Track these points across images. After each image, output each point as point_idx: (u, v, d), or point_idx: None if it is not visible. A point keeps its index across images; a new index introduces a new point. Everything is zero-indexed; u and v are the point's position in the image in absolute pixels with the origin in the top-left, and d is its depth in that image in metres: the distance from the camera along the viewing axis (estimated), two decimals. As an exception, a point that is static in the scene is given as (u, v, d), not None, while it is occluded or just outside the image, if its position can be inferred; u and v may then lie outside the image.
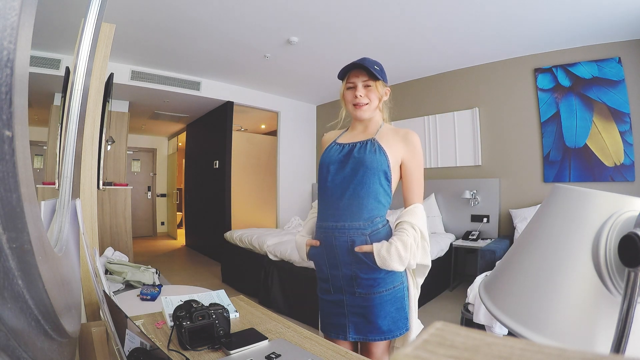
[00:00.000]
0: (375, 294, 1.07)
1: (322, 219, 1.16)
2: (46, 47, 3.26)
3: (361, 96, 1.13)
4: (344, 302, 1.12)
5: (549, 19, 2.78)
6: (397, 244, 1.02)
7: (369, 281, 1.08)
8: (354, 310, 1.10)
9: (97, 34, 0.77)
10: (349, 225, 1.08)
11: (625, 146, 2.97)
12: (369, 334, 1.08)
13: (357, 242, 1.07)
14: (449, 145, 4.01)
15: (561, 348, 0.17)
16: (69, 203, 0.69)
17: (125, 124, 4.56)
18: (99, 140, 1.46)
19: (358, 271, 1.08)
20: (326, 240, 1.12)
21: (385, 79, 1.16)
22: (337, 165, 1.14)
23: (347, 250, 1.08)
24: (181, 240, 6.81)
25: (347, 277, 1.10)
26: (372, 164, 1.08)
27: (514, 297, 0.46)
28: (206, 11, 2.76)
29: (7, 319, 0.23)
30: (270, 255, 3.10)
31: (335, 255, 1.11)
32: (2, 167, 0.20)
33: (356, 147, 1.14)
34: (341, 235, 1.09)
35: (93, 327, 0.87)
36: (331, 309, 1.15)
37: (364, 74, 1.13)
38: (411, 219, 1.08)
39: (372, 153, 1.10)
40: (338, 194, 1.11)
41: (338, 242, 1.09)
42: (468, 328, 0.19)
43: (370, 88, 1.14)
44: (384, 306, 1.08)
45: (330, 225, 1.11)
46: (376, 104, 1.16)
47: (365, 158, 1.10)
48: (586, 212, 0.42)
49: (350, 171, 1.10)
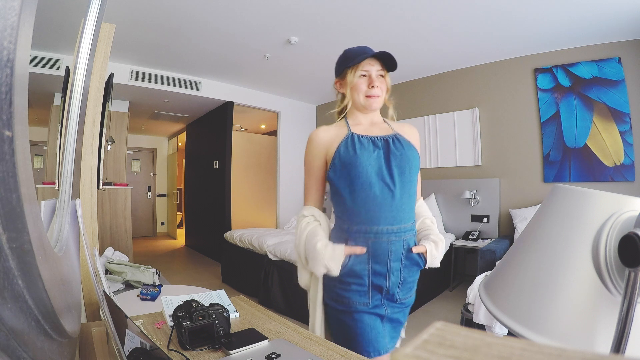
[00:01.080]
0: (410, 297, 1.09)
1: (369, 222, 0.99)
2: (46, 47, 3.26)
3: (377, 87, 1.06)
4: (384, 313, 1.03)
5: (549, 19, 2.78)
6: (440, 243, 1.06)
7: (411, 284, 1.07)
8: (392, 317, 1.05)
9: (97, 34, 0.77)
10: (404, 227, 1.01)
11: (625, 146, 2.97)
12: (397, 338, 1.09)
13: (411, 244, 1.03)
14: (449, 145, 4.01)
15: (561, 348, 0.17)
16: (69, 203, 0.69)
17: (125, 124, 4.56)
18: (99, 140, 1.46)
19: (407, 275, 1.04)
20: (378, 246, 0.99)
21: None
22: (380, 162, 1.01)
23: (402, 255, 1.01)
24: (181, 240, 6.81)
25: (395, 284, 1.02)
26: (414, 162, 1.04)
27: (514, 297, 0.46)
28: (206, 11, 2.76)
29: (7, 319, 0.23)
30: (270, 255, 3.10)
31: (386, 262, 0.99)
32: (2, 167, 0.20)
33: (389, 142, 1.05)
34: (398, 240, 1.00)
35: (93, 327, 0.87)
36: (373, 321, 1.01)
37: (378, 63, 1.07)
38: (431, 216, 1.14)
39: (410, 149, 1.05)
40: (390, 195, 0.99)
41: (394, 247, 0.99)
42: (468, 328, 0.19)
43: (382, 79, 1.09)
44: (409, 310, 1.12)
45: (384, 229, 0.98)
46: (385, 96, 1.12)
47: (408, 155, 1.03)
48: (586, 212, 0.42)
49: (398, 169, 1.01)
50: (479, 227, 3.64)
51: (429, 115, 4.19)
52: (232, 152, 4.83)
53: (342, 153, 1.02)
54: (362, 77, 1.07)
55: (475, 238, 3.46)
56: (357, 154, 1.00)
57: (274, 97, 5.16)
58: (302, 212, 1.11)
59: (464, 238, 3.57)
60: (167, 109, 5.21)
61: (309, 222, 1.07)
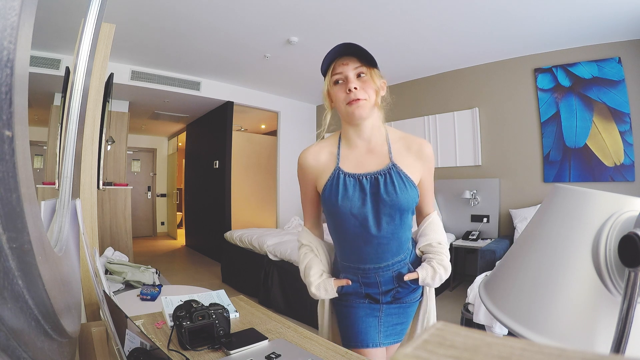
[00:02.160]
0: (413, 297, 1.05)
1: (354, 261, 0.97)
2: (46, 47, 3.26)
3: (356, 88, 0.88)
4: (380, 305, 1.02)
5: (549, 19, 2.78)
6: (441, 271, 0.96)
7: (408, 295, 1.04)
8: (390, 311, 1.03)
9: (97, 34, 0.77)
10: (392, 263, 0.97)
11: (625, 146, 2.97)
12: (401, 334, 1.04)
13: (403, 271, 0.98)
14: (449, 145, 4.01)
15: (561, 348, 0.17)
16: (69, 203, 0.69)
17: (125, 124, 4.56)
18: (99, 140, 1.46)
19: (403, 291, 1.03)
20: (367, 279, 0.98)
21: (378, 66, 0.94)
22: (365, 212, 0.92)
23: (391, 280, 0.99)
24: (181, 240, 6.81)
25: (390, 296, 1.03)
26: (408, 205, 0.91)
27: (514, 297, 0.46)
28: (206, 11, 2.76)
29: (7, 319, 0.23)
30: (270, 255, 3.10)
31: (377, 287, 1.00)
32: (2, 167, 0.20)
33: (380, 182, 0.92)
34: (386, 273, 0.97)
35: (93, 327, 0.87)
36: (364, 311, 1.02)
37: (355, 60, 0.90)
38: (439, 237, 1.02)
39: (403, 190, 0.91)
40: (376, 241, 0.93)
41: (382, 278, 0.98)
42: (468, 328, 0.19)
43: (364, 78, 0.90)
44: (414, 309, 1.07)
45: (370, 267, 0.96)
46: (374, 98, 0.92)
47: (401, 200, 0.90)
48: (586, 212, 0.42)
49: (386, 217, 0.92)
50: (479, 227, 3.64)
51: (429, 115, 4.19)
52: (232, 152, 4.83)
53: (326, 197, 0.95)
54: (338, 83, 0.92)
55: (475, 238, 3.46)
56: (338, 204, 0.92)
57: (274, 97, 5.16)
58: (300, 240, 1.08)
59: (464, 238, 3.57)
60: (167, 109, 5.21)
61: (306, 254, 1.05)
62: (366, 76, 0.91)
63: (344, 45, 0.89)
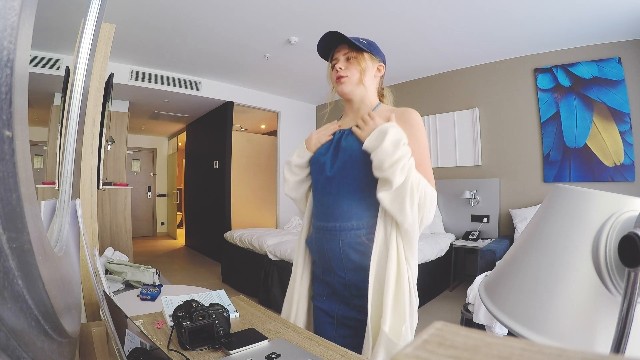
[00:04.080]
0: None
1: (315, 216, 1.03)
2: (46, 47, 3.26)
3: (341, 68, 1.01)
4: (335, 313, 1.00)
5: (549, 19, 2.78)
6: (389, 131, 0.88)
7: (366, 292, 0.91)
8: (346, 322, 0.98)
9: (97, 34, 0.77)
10: (340, 227, 0.95)
11: (625, 146, 2.97)
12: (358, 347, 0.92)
13: (351, 244, 0.94)
14: (449, 145, 4.01)
15: (561, 348, 0.17)
16: (69, 203, 0.69)
17: (125, 124, 4.56)
18: (99, 140, 1.46)
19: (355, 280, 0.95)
20: (317, 242, 1.00)
21: (373, 51, 1.03)
22: (327, 159, 1.01)
23: (339, 254, 0.95)
24: (181, 240, 6.81)
25: (340, 284, 0.98)
26: (357, 153, 0.94)
27: (514, 297, 0.46)
28: (206, 11, 2.76)
29: (7, 319, 0.23)
30: (270, 255, 3.10)
31: (327, 260, 0.98)
32: (2, 167, 0.20)
33: (344, 133, 1.01)
34: (333, 238, 0.96)
35: (93, 327, 0.87)
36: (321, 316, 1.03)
37: (345, 47, 1.02)
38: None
39: (358, 140, 0.95)
40: (327, 191, 0.98)
41: (330, 245, 0.96)
42: (468, 328, 0.19)
43: (352, 60, 1.02)
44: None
45: (321, 225, 0.99)
46: (357, 77, 1.01)
47: (355, 148, 0.94)
48: (586, 212, 0.42)
49: (340, 164, 0.97)
50: (479, 227, 3.64)
51: (429, 115, 4.19)
52: (232, 152, 4.83)
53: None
54: (334, 66, 1.04)
55: (475, 238, 3.46)
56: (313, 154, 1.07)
57: (274, 97, 5.16)
58: None
59: (464, 238, 3.57)
60: (167, 109, 5.21)
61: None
62: (352, 59, 1.02)
63: (329, 34, 1.01)
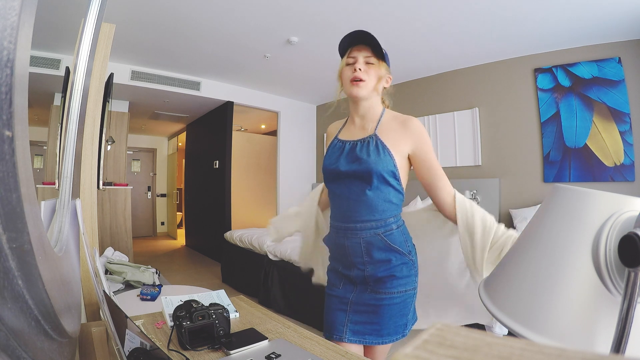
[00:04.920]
0: (387, 294, 1.03)
1: (334, 217, 1.11)
2: (46, 47, 3.26)
3: (360, 69, 1.03)
4: (349, 300, 1.07)
5: (549, 19, 2.78)
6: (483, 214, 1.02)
7: (386, 280, 1.03)
8: (357, 309, 1.05)
9: (97, 34, 0.77)
10: (361, 226, 1.03)
11: (625, 146, 2.97)
12: (367, 336, 1.03)
13: (370, 242, 1.03)
14: (449, 145, 4.01)
15: (561, 348, 0.17)
16: (69, 203, 0.69)
17: (125, 124, 4.56)
18: (99, 140, 1.46)
19: (373, 272, 1.03)
20: (337, 239, 1.09)
21: (388, 63, 1.09)
22: (341, 165, 1.07)
23: (360, 251, 1.04)
24: (181, 240, 6.81)
25: (359, 277, 1.06)
26: (377, 167, 1.00)
27: (514, 297, 0.46)
28: (206, 11, 2.76)
29: (7, 319, 0.23)
30: (270, 255, 3.11)
31: (347, 256, 1.06)
32: (2, 167, 0.20)
33: (357, 146, 1.06)
34: (354, 236, 1.04)
35: (93, 327, 0.87)
36: (334, 304, 1.10)
37: (368, 49, 1.04)
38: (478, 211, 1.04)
39: (375, 154, 1.01)
40: (346, 196, 1.05)
41: (350, 242, 1.05)
42: (468, 328, 0.19)
43: (371, 65, 1.05)
44: (392, 309, 1.03)
45: (341, 226, 1.07)
46: (374, 83, 1.05)
47: (370, 161, 1.01)
48: (586, 212, 0.42)
49: (355, 172, 1.03)
50: (479, 227, 3.63)
51: (429, 115, 4.19)
52: (232, 152, 4.83)
53: (324, 157, 1.15)
54: (349, 65, 1.06)
55: (475, 238, 3.45)
56: (324, 162, 1.13)
57: (274, 97, 5.15)
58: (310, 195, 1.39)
59: (464, 238, 3.57)
60: (167, 109, 5.21)
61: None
62: (374, 65, 1.05)
63: (360, 32, 1.02)
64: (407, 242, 1.07)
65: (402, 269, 1.04)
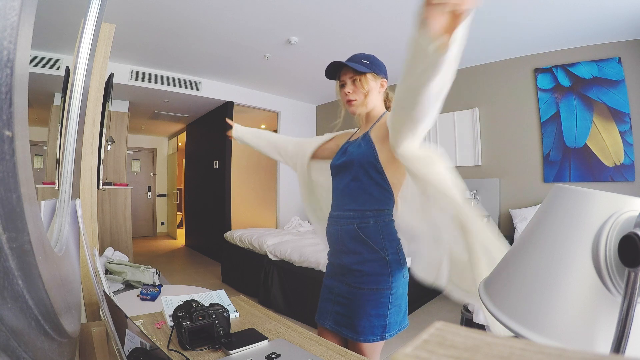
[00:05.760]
0: (358, 289, 1.07)
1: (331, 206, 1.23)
2: (46, 47, 3.26)
3: (349, 92, 1.16)
4: (334, 289, 1.15)
5: (549, 19, 2.78)
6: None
7: (356, 274, 1.09)
8: (339, 300, 1.13)
9: (97, 34, 0.77)
10: (342, 215, 1.14)
11: (625, 146, 2.97)
12: (344, 329, 1.08)
13: (346, 230, 1.11)
14: (449, 145, 4.01)
15: (561, 348, 0.17)
16: (69, 203, 0.69)
17: (125, 124, 4.56)
18: (99, 140, 1.46)
19: (347, 262, 1.11)
20: (328, 227, 1.21)
21: (376, 70, 1.15)
22: (339, 167, 1.19)
23: (338, 238, 1.14)
24: (181, 240, 6.81)
25: (340, 266, 1.15)
26: (361, 157, 1.10)
27: (514, 297, 0.46)
28: (206, 11, 2.76)
29: (7, 319, 0.23)
30: (270, 255, 3.10)
31: (331, 243, 1.19)
32: (2, 167, 0.20)
33: (352, 144, 1.18)
34: (335, 224, 1.16)
35: (93, 327, 0.87)
36: (324, 292, 1.20)
37: (350, 70, 1.15)
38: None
39: (360, 146, 1.12)
40: (336, 187, 1.19)
41: (333, 229, 1.17)
42: (468, 328, 0.19)
43: (356, 84, 1.15)
44: (364, 305, 1.05)
45: (332, 214, 1.19)
46: (362, 99, 1.15)
47: (354, 152, 1.13)
48: (586, 212, 0.42)
49: (343, 164, 1.16)
50: (479, 227, 3.63)
51: (429, 115, 4.19)
52: (232, 152, 4.83)
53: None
54: (342, 87, 1.18)
55: (475, 238, 3.45)
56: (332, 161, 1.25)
57: (274, 97, 5.15)
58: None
59: (464, 238, 3.57)
60: (167, 109, 5.21)
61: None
62: (357, 82, 1.15)
63: (334, 64, 1.16)
64: (384, 239, 1.07)
65: (373, 266, 1.06)
